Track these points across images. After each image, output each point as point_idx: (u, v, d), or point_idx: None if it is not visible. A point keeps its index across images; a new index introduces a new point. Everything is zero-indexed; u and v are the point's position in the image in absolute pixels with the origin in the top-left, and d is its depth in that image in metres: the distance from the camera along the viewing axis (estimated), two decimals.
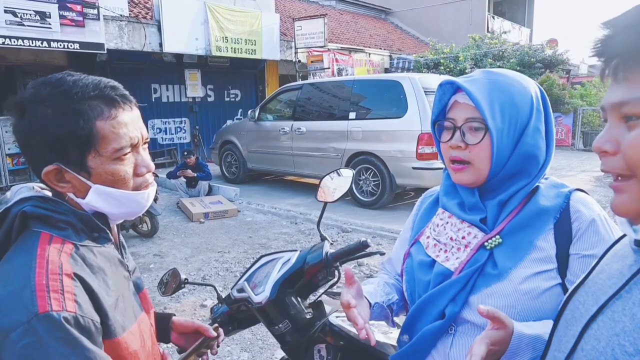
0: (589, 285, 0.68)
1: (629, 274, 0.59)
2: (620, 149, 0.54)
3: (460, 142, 0.97)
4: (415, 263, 1.06)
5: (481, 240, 0.97)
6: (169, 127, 11.70)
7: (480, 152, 0.95)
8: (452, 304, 0.95)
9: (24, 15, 7.34)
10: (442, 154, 1.05)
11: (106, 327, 0.77)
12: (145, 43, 9.56)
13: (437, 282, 0.99)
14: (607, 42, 0.56)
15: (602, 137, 0.56)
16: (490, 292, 0.92)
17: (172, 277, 1.50)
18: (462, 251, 0.99)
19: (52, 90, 0.80)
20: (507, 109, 0.95)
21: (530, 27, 25.30)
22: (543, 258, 0.92)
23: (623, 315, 0.56)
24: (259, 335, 3.23)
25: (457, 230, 1.01)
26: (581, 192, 0.98)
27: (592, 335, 0.59)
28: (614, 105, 0.55)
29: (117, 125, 0.82)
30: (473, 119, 0.95)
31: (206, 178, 7.53)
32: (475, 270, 0.94)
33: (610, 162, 0.55)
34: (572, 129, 13.16)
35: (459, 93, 0.99)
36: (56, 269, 0.74)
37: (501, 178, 0.98)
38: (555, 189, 0.98)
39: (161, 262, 4.82)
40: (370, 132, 6.56)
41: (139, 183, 0.88)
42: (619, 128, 0.54)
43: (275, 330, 1.40)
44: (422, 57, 16.46)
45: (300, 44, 12.21)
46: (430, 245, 1.05)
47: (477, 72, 1.01)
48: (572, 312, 0.68)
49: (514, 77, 1.00)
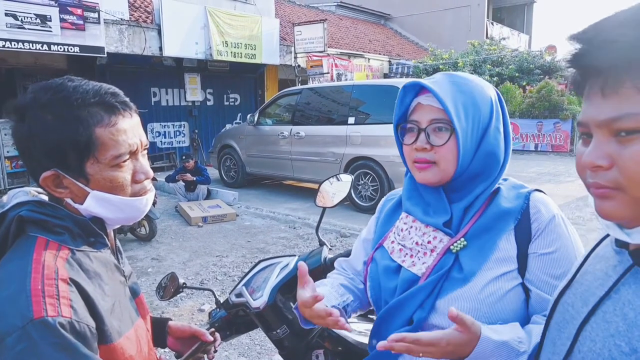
0: (576, 287, 0.69)
1: (615, 274, 0.61)
2: (615, 163, 0.54)
3: (426, 143, 0.96)
4: (380, 268, 1.05)
5: (447, 244, 0.96)
6: (168, 130, 11.70)
7: (446, 153, 0.95)
8: (420, 310, 0.94)
9: (25, 18, 7.36)
10: (404, 156, 1.04)
11: (102, 332, 0.77)
12: (146, 47, 9.58)
13: (403, 288, 0.98)
14: (588, 57, 0.56)
15: (593, 153, 0.56)
16: (455, 296, 0.92)
17: (171, 281, 1.50)
18: (428, 256, 0.98)
19: (53, 96, 0.79)
20: (470, 109, 0.96)
21: (529, 34, 25.44)
22: (505, 258, 0.93)
23: (615, 315, 0.57)
24: (257, 340, 3.22)
25: (422, 234, 1.01)
26: (540, 192, 1.00)
27: (587, 337, 0.60)
28: (603, 122, 0.54)
29: (116, 133, 0.82)
30: (438, 120, 0.96)
31: (205, 182, 7.52)
32: (442, 275, 0.94)
33: (604, 176, 0.55)
34: (571, 135, 13.19)
35: (421, 95, 0.99)
36: (52, 274, 0.73)
37: (465, 178, 0.98)
38: (515, 190, 1.00)
39: (159, 266, 4.81)
40: (369, 137, 6.56)
41: (137, 189, 0.88)
42: (610, 143, 0.55)
43: (273, 336, 1.39)
44: (421, 62, 16.52)
45: (299, 48, 12.25)
46: (396, 250, 1.04)
47: (439, 75, 1.02)
48: (562, 314, 0.69)
49: (474, 79, 1.01)
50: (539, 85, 13.90)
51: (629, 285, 0.58)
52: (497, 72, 15.70)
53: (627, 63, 0.52)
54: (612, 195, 0.55)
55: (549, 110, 13.47)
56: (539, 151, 13.66)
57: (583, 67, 0.58)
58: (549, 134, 13.52)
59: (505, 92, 14.15)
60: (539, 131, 13.67)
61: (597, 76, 0.56)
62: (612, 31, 0.53)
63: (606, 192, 0.55)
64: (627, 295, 0.57)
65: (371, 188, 6.64)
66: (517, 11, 25.52)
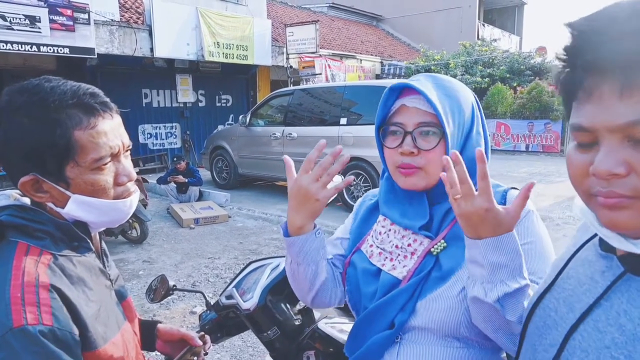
0: (558, 292, 0.66)
1: (603, 280, 0.58)
2: (633, 170, 0.49)
3: (413, 147, 0.93)
4: (359, 272, 1.02)
5: (427, 247, 0.95)
6: (159, 132, 11.63)
7: (434, 157, 0.93)
8: (401, 313, 0.93)
9: (14, 19, 7.28)
10: (385, 159, 1.02)
11: (86, 339, 0.75)
12: (137, 48, 9.52)
13: (384, 291, 0.96)
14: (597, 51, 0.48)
15: (609, 161, 0.49)
16: (435, 296, 0.90)
17: (161, 283, 1.48)
18: (409, 259, 0.96)
19: (29, 99, 0.77)
20: (456, 113, 0.94)
21: (519, 35, 25.64)
22: None
23: (609, 325, 0.54)
24: (249, 342, 3.20)
25: (401, 237, 0.99)
26: (515, 189, 0.98)
27: (578, 347, 0.56)
28: (620, 127, 0.48)
29: (96, 135, 0.79)
30: (426, 124, 0.92)
31: (197, 183, 7.49)
32: (423, 277, 0.92)
33: (622, 185, 0.50)
34: (562, 136, 13.30)
35: (406, 97, 0.95)
36: (32, 281, 0.72)
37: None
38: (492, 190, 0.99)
39: (150, 268, 4.77)
40: (361, 138, 6.56)
41: (120, 192, 0.86)
42: (625, 149, 0.49)
43: (264, 337, 1.39)
44: (413, 63, 16.59)
45: (292, 49, 12.25)
46: (375, 253, 1.02)
47: (422, 77, 0.98)
48: (543, 319, 0.66)
49: (456, 82, 0.99)
50: (529, 86, 14.01)
51: (621, 293, 0.54)
52: (489, 73, 15.81)
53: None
54: (628, 205, 0.50)
55: (539, 111, 13.58)
56: (530, 151, 13.76)
57: (588, 64, 0.50)
58: (540, 134, 13.63)
59: (497, 93, 14.25)
60: (530, 132, 13.78)
61: (609, 75, 0.48)
62: (630, 22, 0.47)
63: (621, 201, 0.50)
64: (621, 304, 0.54)
65: (363, 188, 6.64)
66: (507, 13, 25.71)
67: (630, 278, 0.55)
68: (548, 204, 7.04)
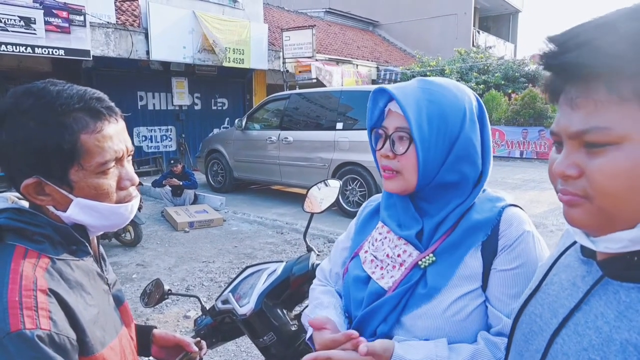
0: (542, 297, 0.68)
1: (584, 285, 0.60)
2: (584, 173, 0.54)
3: (389, 151, 0.95)
4: (351, 278, 1.03)
5: (415, 259, 0.94)
6: (154, 135, 11.59)
7: (406, 162, 0.93)
8: (383, 324, 0.93)
9: (8, 20, 7.25)
10: (377, 162, 1.03)
11: (83, 344, 0.75)
12: (132, 50, 9.50)
13: (370, 300, 0.96)
14: (559, 58, 0.54)
15: (564, 163, 0.55)
16: (420, 314, 0.90)
17: (156, 287, 1.47)
18: (396, 269, 0.96)
19: (35, 102, 0.76)
20: (436, 120, 0.92)
21: (514, 43, 25.84)
22: (470, 275, 0.91)
23: (587, 328, 0.56)
24: (243, 347, 3.18)
25: (394, 247, 0.99)
26: (515, 207, 0.96)
27: (559, 350, 0.58)
28: (573, 134, 0.54)
29: (102, 139, 0.80)
30: (402, 129, 0.93)
31: (192, 186, 7.46)
32: (408, 289, 0.92)
33: (573, 185, 0.55)
34: None
35: (393, 101, 0.96)
36: (30, 285, 0.71)
37: (433, 188, 0.95)
38: (490, 203, 0.96)
39: (144, 272, 4.74)
40: (357, 143, 6.58)
41: (123, 196, 0.86)
42: (579, 153, 0.54)
43: (260, 343, 1.38)
44: (409, 69, 16.66)
45: (288, 54, 12.26)
46: (368, 260, 1.02)
47: (413, 81, 0.99)
48: (529, 325, 0.67)
49: (448, 87, 0.96)
50: (523, 93, 14.11)
51: (599, 297, 0.57)
52: (483, 79, 15.91)
53: (597, 69, 0.50)
54: (579, 204, 0.55)
55: (533, 118, 13.67)
56: (524, 158, 13.85)
57: (553, 68, 0.56)
58: (534, 141, 13.71)
59: (491, 99, 14.33)
60: (524, 138, 13.86)
61: (566, 86, 0.54)
62: (587, 34, 0.51)
63: (574, 199, 0.55)
64: (599, 307, 0.56)
65: (359, 193, 6.65)
66: (502, 20, 25.92)
67: (608, 282, 0.57)
68: (542, 211, 7.07)
